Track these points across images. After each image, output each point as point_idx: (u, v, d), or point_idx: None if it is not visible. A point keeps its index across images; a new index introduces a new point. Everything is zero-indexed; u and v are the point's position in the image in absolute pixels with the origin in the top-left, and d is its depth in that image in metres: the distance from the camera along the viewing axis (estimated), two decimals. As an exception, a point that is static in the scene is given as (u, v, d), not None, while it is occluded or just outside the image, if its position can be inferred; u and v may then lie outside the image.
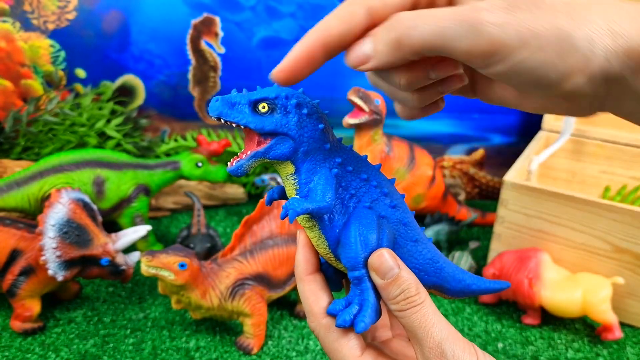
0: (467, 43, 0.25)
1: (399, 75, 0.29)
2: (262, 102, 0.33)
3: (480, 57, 0.25)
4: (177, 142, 1.15)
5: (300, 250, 0.37)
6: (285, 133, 0.33)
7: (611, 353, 0.75)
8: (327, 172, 0.35)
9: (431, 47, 0.26)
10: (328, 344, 0.34)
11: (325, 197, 0.33)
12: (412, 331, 0.32)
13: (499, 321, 0.81)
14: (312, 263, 0.37)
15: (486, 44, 0.24)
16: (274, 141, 0.33)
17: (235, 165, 0.34)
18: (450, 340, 0.31)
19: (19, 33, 1.03)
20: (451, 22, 0.25)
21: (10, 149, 1.03)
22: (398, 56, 0.27)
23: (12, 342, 0.73)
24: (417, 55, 0.27)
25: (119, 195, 0.88)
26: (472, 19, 0.24)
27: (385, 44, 0.27)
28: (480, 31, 0.24)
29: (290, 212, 0.32)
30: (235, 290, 0.70)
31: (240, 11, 1.05)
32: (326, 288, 0.36)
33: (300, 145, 0.34)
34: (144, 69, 1.09)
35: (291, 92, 0.34)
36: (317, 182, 0.34)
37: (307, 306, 0.36)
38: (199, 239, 0.88)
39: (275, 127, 0.33)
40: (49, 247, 0.68)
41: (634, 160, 0.98)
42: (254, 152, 0.33)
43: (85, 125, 1.04)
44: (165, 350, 0.73)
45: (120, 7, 1.04)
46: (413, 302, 0.32)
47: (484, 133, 1.15)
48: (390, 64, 0.28)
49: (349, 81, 1.11)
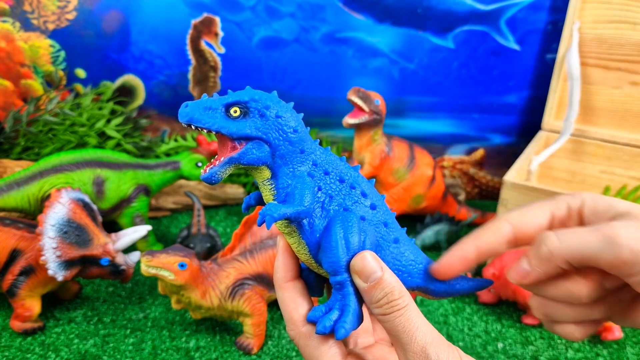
0: (610, 254, 0.30)
1: (579, 286, 0.34)
2: (234, 106, 0.32)
3: (623, 265, 0.30)
4: (177, 142, 1.15)
5: (280, 257, 0.36)
6: (259, 137, 0.32)
7: (611, 353, 0.75)
8: (304, 175, 0.34)
9: (579, 258, 0.31)
10: (308, 352, 0.34)
11: (303, 201, 0.32)
12: (396, 335, 0.32)
13: (499, 321, 0.81)
14: (292, 269, 0.36)
15: (627, 254, 0.30)
16: (249, 146, 0.32)
17: (209, 172, 0.32)
18: (435, 344, 0.31)
19: (19, 33, 1.03)
20: (593, 236, 0.31)
21: (10, 149, 1.03)
22: (551, 266, 0.33)
23: (12, 342, 0.73)
24: (567, 264, 0.32)
25: (119, 195, 0.88)
26: (612, 235, 0.30)
27: (539, 258, 0.33)
28: (620, 244, 0.30)
29: (267, 218, 0.31)
30: (235, 290, 0.70)
31: (240, 11, 1.05)
32: (306, 295, 0.36)
33: (276, 149, 0.33)
34: (144, 69, 1.09)
35: (265, 95, 0.33)
36: (294, 186, 0.33)
37: (286, 314, 0.35)
38: (199, 239, 0.88)
39: (249, 131, 0.32)
40: (48, 247, 0.68)
41: (634, 160, 0.98)
42: (228, 158, 0.32)
43: (85, 125, 1.04)
44: (165, 350, 0.73)
45: (120, 7, 1.04)
46: (396, 306, 0.32)
47: (484, 133, 1.15)
48: (545, 274, 0.33)
49: (349, 81, 1.11)
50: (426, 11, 1.04)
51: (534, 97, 1.10)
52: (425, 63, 1.09)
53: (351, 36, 1.07)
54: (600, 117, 1.00)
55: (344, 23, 1.06)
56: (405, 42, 1.07)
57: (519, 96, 1.11)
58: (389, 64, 1.09)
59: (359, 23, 1.05)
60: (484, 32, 1.05)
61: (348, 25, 1.06)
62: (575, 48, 0.95)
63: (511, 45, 1.06)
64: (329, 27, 1.06)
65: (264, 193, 0.35)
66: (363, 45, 1.07)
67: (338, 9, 1.04)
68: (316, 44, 1.08)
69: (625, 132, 0.98)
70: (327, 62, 1.09)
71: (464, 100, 1.12)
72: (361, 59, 1.09)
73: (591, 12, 0.94)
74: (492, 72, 1.09)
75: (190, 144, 1.14)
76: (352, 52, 1.08)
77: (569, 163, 1.04)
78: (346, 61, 1.09)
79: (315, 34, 1.07)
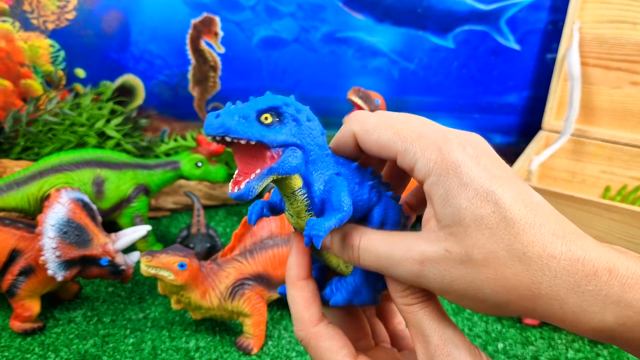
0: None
1: None
2: (266, 113, 0.30)
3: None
4: (177, 142, 1.15)
5: (294, 254, 0.35)
6: (295, 144, 0.30)
7: (611, 353, 0.75)
8: (335, 178, 0.32)
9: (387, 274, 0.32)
10: (318, 354, 0.33)
11: (343, 206, 0.31)
12: (418, 327, 0.31)
13: (499, 321, 0.81)
14: (305, 268, 0.35)
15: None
16: (286, 153, 0.30)
17: (245, 187, 0.29)
18: (457, 341, 0.30)
19: (18, 33, 1.03)
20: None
21: (10, 149, 1.03)
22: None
23: (11, 342, 0.73)
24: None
25: (119, 195, 0.88)
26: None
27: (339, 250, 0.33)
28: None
29: (315, 240, 0.29)
30: (235, 290, 0.70)
31: (240, 11, 1.05)
32: (317, 295, 0.35)
33: (309, 155, 0.31)
34: (144, 69, 1.09)
35: (290, 100, 0.31)
36: (328, 191, 0.32)
37: (296, 313, 0.34)
38: (199, 239, 0.88)
39: (287, 138, 0.30)
40: (48, 247, 0.68)
41: (634, 160, 0.98)
42: (268, 169, 0.29)
43: (85, 125, 1.04)
44: (165, 351, 0.73)
45: (120, 7, 1.04)
46: (421, 297, 0.31)
47: (484, 133, 1.15)
48: None
49: (349, 81, 1.11)
50: (426, 11, 1.04)
51: (534, 97, 1.10)
52: (425, 63, 1.09)
53: (351, 36, 1.07)
54: (601, 117, 1.00)
55: (344, 23, 1.06)
56: (405, 42, 1.07)
57: (519, 96, 1.11)
58: (389, 64, 1.09)
59: (359, 23, 1.05)
60: (484, 32, 1.05)
61: (348, 25, 1.06)
62: (576, 48, 0.95)
63: (511, 45, 1.06)
64: (329, 27, 1.06)
65: (294, 204, 0.33)
66: (363, 45, 1.07)
67: (338, 9, 1.04)
68: (316, 44, 1.08)
69: (626, 132, 0.98)
70: (327, 62, 1.09)
71: (464, 100, 1.12)
72: (361, 59, 1.09)
73: (591, 12, 0.94)
74: (492, 72, 1.09)
75: (190, 144, 1.14)
76: (352, 52, 1.08)
77: (569, 163, 1.04)
78: (346, 61, 1.09)
79: (315, 34, 1.07)
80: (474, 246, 0.26)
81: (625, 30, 0.93)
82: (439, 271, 0.27)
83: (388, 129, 0.30)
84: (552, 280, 0.25)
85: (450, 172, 0.27)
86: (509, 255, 0.25)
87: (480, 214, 0.26)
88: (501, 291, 0.26)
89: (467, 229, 0.26)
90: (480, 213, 0.26)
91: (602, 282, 0.24)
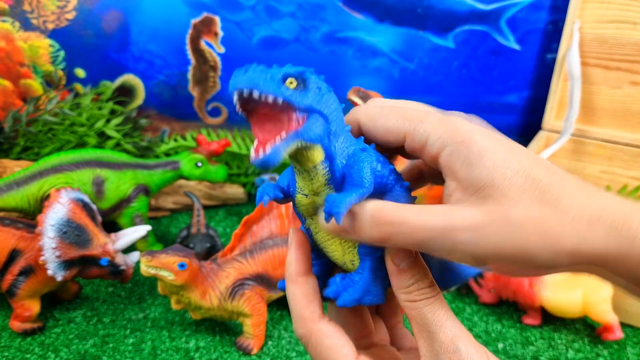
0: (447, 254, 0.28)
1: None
2: (291, 77, 0.28)
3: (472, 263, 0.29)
4: (176, 142, 1.15)
5: (292, 250, 0.34)
6: (319, 111, 0.29)
7: (612, 353, 0.75)
8: (362, 153, 0.31)
9: (415, 248, 0.31)
10: (319, 352, 0.32)
11: (364, 182, 0.29)
12: (423, 324, 0.30)
13: (499, 321, 0.81)
14: (305, 263, 0.34)
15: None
16: (310, 120, 0.28)
17: (272, 151, 0.26)
18: (464, 337, 0.30)
19: (18, 33, 1.03)
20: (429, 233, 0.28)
21: (10, 149, 1.03)
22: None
23: (11, 342, 0.73)
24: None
25: (119, 195, 0.88)
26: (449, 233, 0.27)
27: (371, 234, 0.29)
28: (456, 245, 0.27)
29: (337, 217, 0.28)
30: (235, 291, 0.70)
31: (240, 11, 1.05)
32: (318, 292, 0.34)
33: (330, 124, 0.30)
34: (144, 69, 1.09)
35: (311, 69, 0.30)
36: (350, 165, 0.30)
37: (296, 310, 0.33)
38: (199, 239, 0.88)
39: (313, 104, 0.28)
40: (48, 247, 0.68)
41: (634, 160, 0.98)
42: (295, 132, 0.28)
43: (84, 125, 1.04)
44: (165, 351, 0.73)
45: (120, 7, 1.04)
46: (427, 294, 0.31)
47: (484, 133, 1.15)
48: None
49: (349, 81, 1.11)
50: (426, 11, 1.04)
51: (534, 97, 1.10)
52: (426, 63, 1.09)
53: (351, 36, 1.07)
54: (601, 117, 1.00)
55: (344, 23, 1.06)
56: (405, 41, 1.07)
57: (519, 96, 1.11)
58: (389, 64, 1.09)
59: (359, 23, 1.05)
60: (484, 31, 1.05)
61: (348, 25, 1.06)
62: (576, 48, 0.95)
63: (511, 45, 1.06)
64: (329, 27, 1.06)
65: (314, 179, 0.30)
66: (363, 45, 1.07)
67: (338, 9, 1.04)
68: (316, 44, 1.08)
69: (626, 132, 0.98)
70: (327, 62, 1.09)
71: (464, 100, 1.12)
72: (361, 59, 1.09)
73: (592, 12, 0.94)
74: (492, 71, 1.09)
75: (190, 144, 1.14)
76: (352, 52, 1.08)
77: (569, 163, 1.04)
78: (346, 61, 1.09)
79: (315, 34, 1.07)
80: (512, 203, 0.26)
81: (626, 30, 0.93)
82: (483, 237, 0.26)
83: (394, 113, 0.31)
84: (590, 225, 0.26)
85: (466, 139, 0.28)
86: (542, 207, 0.26)
87: (507, 174, 0.27)
88: (548, 246, 0.26)
89: (500, 187, 0.27)
90: (507, 173, 0.27)
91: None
